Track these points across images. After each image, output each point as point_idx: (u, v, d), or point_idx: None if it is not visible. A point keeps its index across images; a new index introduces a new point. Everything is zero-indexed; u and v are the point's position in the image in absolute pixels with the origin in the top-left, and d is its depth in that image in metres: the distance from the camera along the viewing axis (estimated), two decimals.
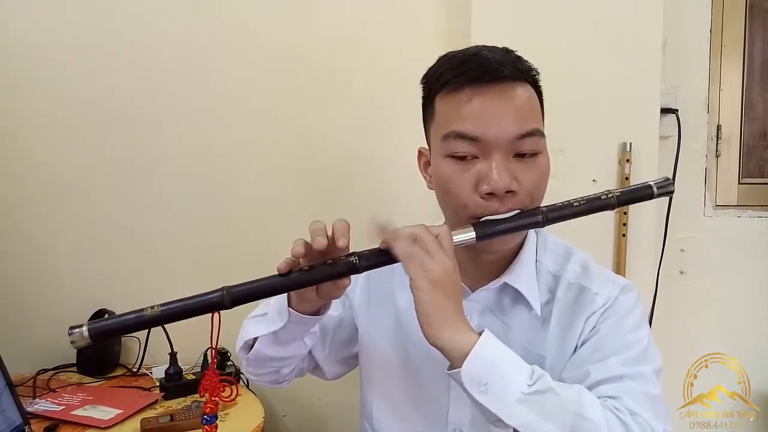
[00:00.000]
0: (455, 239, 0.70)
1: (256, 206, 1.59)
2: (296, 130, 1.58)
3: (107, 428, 1.20)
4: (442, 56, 0.80)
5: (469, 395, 0.66)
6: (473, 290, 0.83)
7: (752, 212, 1.73)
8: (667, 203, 1.60)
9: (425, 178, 0.85)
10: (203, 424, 0.70)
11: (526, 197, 0.74)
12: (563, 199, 0.75)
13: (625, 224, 1.47)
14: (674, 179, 1.59)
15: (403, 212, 1.57)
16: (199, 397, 1.36)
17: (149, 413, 1.27)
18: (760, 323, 1.73)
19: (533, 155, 0.75)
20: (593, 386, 0.71)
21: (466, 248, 0.76)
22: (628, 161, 1.45)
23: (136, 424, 1.21)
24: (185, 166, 1.57)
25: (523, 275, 0.81)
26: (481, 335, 0.67)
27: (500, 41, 0.80)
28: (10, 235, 1.57)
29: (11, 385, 1.14)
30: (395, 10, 1.56)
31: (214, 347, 0.67)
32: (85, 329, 0.64)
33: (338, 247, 0.68)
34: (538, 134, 0.75)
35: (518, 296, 0.82)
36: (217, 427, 0.71)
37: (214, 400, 0.69)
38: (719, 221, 1.72)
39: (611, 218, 1.48)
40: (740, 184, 1.73)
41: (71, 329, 0.64)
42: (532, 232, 0.85)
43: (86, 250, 1.58)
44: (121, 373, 1.53)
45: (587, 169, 1.46)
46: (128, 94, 1.54)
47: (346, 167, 1.58)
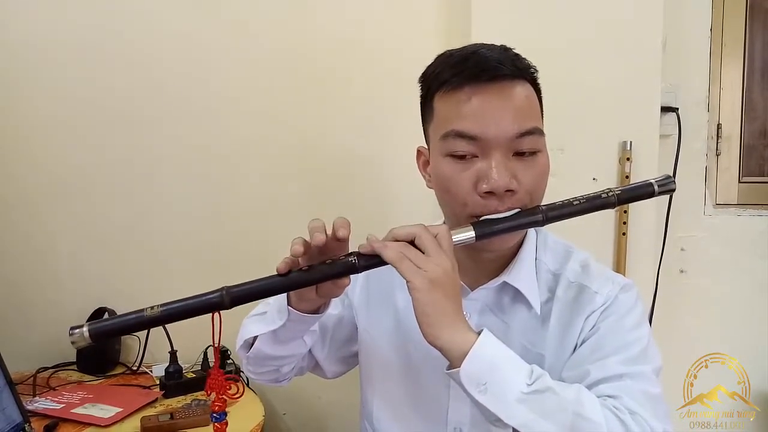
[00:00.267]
0: (454, 239, 0.70)
1: (256, 206, 1.59)
2: (296, 130, 1.58)
3: (107, 426, 1.20)
4: (440, 55, 0.80)
5: (468, 395, 0.66)
6: (473, 289, 0.83)
7: (752, 211, 1.73)
8: (667, 202, 1.60)
9: (424, 177, 0.85)
10: (213, 422, 0.71)
11: (525, 196, 0.74)
12: (563, 197, 0.75)
13: (625, 223, 1.47)
14: (674, 178, 1.58)
15: (403, 212, 1.57)
16: (200, 396, 1.37)
17: (149, 411, 1.27)
18: (760, 323, 1.73)
19: (532, 154, 0.74)
20: (593, 385, 0.71)
21: (465, 247, 0.75)
22: (628, 160, 1.44)
23: (136, 422, 1.21)
24: (185, 165, 1.57)
25: (522, 274, 0.81)
26: (480, 335, 0.67)
27: (500, 41, 0.80)
28: (10, 234, 1.57)
29: (11, 383, 1.14)
30: (395, 10, 1.56)
31: (215, 347, 0.67)
32: (85, 330, 0.64)
33: (338, 237, 0.68)
34: (537, 133, 0.74)
35: (518, 295, 0.81)
36: (227, 424, 0.72)
37: (221, 398, 0.70)
38: (719, 220, 1.72)
39: (611, 217, 1.48)
40: (740, 182, 1.73)
41: (72, 330, 0.64)
42: (531, 230, 0.85)
43: (86, 249, 1.58)
44: (121, 371, 1.53)
45: (587, 167, 1.45)
46: (128, 94, 1.54)
47: (346, 167, 1.58)
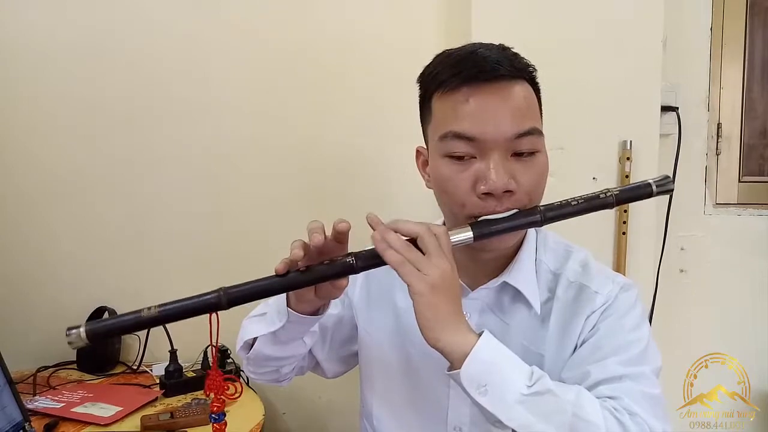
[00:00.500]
0: (453, 239, 0.70)
1: (256, 206, 1.59)
2: (296, 129, 1.58)
3: (107, 425, 1.20)
4: (438, 55, 0.79)
5: (468, 396, 0.66)
6: (473, 289, 0.83)
7: (753, 210, 1.73)
8: (667, 201, 1.60)
9: (423, 177, 0.85)
10: (212, 422, 0.71)
11: (524, 197, 0.73)
12: (563, 197, 0.75)
13: (625, 222, 1.47)
14: (674, 177, 1.59)
15: (402, 212, 1.56)
16: (200, 395, 1.37)
17: (149, 410, 1.28)
18: (760, 323, 1.73)
19: (531, 154, 0.74)
20: (593, 386, 0.71)
21: (465, 247, 0.75)
22: (628, 159, 1.44)
23: (136, 421, 1.22)
24: (185, 165, 1.57)
25: (522, 274, 0.81)
26: (480, 336, 0.67)
27: (500, 40, 0.80)
28: (10, 234, 1.57)
29: (11, 382, 1.14)
30: (395, 9, 1.56)
31: (214, 347, 0.67)
32: (82, 330, 0.64)
33: (338, 230, 0.68)
34: (536, 133, 0.74)
35: (518, 295, 0.81)
36: (226, 424, 0.72)
37: (220, 398, 0.70)
38: (719, 219, 1.72)
39: (611, 217, 1.48)
40: (740, 182, 1.73)
41: (69, 330, 0.64)
42: (532, 230, 0.84)
43: (86, 249, 1.58)
44: (121, 370, 1.53)
45: (587, 167, 1.45)
46: (128, 94, 1.54)
47: (345, 167, 1.58)
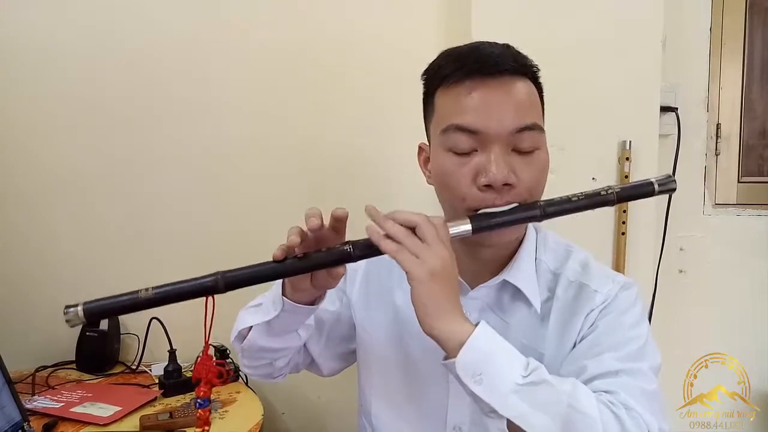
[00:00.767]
0: (451, 231, 0.70)
1: (256, 206, 1.59)
2: (296, 129, 1.58)
3: (106, 425, 1.20)
4: (442, 52, 0.80)
5: (463, 385, 0.66)
6: (473, 287, 0.83)
7: (752, 211, 1.73)
8: (666, 202, 1.60)
9: (425, 173, 0.85)
10: (197, 407, 0.70)
11: (524, 191, 0.74)
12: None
13: (624, 222, 1.47)
14: (674, 178, 1.59)
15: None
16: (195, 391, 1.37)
17: (148, 410, 1.27)
18: (760, 323, 1.73)
19: (532, 150, 0.74)
20: (589, 380, 0.71)
21: (464, 244, 0.75)
22: (627, 159, 1.44)
23: (135, 421, 1.21)
24: (185, 166, 1.57)
25: (522, 273, 0.81)
26: (477, 326, 0.67)
27: (501, 40, 0.80)
28: (10, 234, 1.57)
29: (10, 382, 1.14)
30: (395, 9, 1.56)
31: (207, 331, 0.67)
32: (80, 308, 0.65)
33: (335, 216, 0.69)
34: (537, 129, 0.75)
35: (518, 293, 0.82)
36: (210, 410, 0.71)
37: (207, 384, 0.70)
38: (719, 220, 1.72)
39: (611, 216, 1.48)
40: (740, 182, 1.73)
41: (67, 308, 0.65)
42: (531, 230, 0.85)
43: (86, 249, 1.58)
44: (120, 370, 1.53)
45: (587, 166, 1.45)
46: (128, 94, 1.54)
47: (346, 167, 1.58)
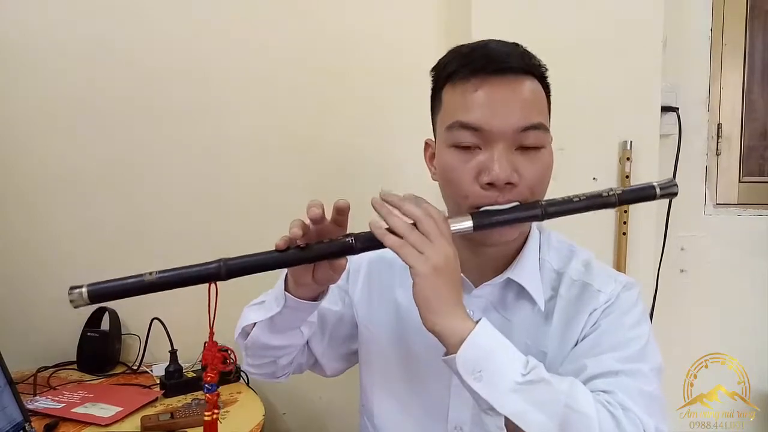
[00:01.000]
0: (453, 227, 0.70)
1: (256, 206, 1.59)
2: (296, 129, 1.58)
3: (107, 426, 1.20)
4: (451, 49, 0.80)
5: (462, 381, 0.66)
6: (477, 286, 0.83)
7: (753, 211, 1.73)
8: (667, 202, 1.60)
9: (430, 169, 0.85)
10: (204, 392, 0.72)
11: (526, 190, 0.74)
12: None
13: (625, 222, 1.47)
14: (675, 177, 1.59)
15: None
16: (200, 395, 1.37)
17: (149, 411, 1.27)
18: (760, 323, 1.73)
19: (536, 149, 0.75)
20: (588, 380, 0.72)
21: (468, 243, 0.76)
22: (628, 159, 1.44)
23: (136, 421, 1.21)
24: (186, 166, 1.57)
25: (526, 271, 0.81)
26: (478, 323, 0.67)
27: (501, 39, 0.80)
28: (10, 234, 1.57)
29: (12, 382, 1.14)
30: (395, 9, 1.56)
31: (211, 318, 0.68)
32: (84, 290, 0.66)
33: (337, 206, 0.69)
34: (542, 128, 0.75)
35: (521, 292, 0.82)
36: (218, 395, 0.73)
37: (214, 369, 0.71)
38: (720, 220, 1.72)
39: (612, 217, 1.48)
40: (741, 182, 1.73)
41: (71, 289, 0.66)
42: (535, 229, 0.85)
43: (86, 249, 1.58)
44: (121, 370, 1.53)
45: (588, 167, 1.45)
46: (128, 94, 1.54)
47: (346, 167, 1.58)
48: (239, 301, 0.84)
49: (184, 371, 1.42)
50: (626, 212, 1.47)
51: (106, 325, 1.54)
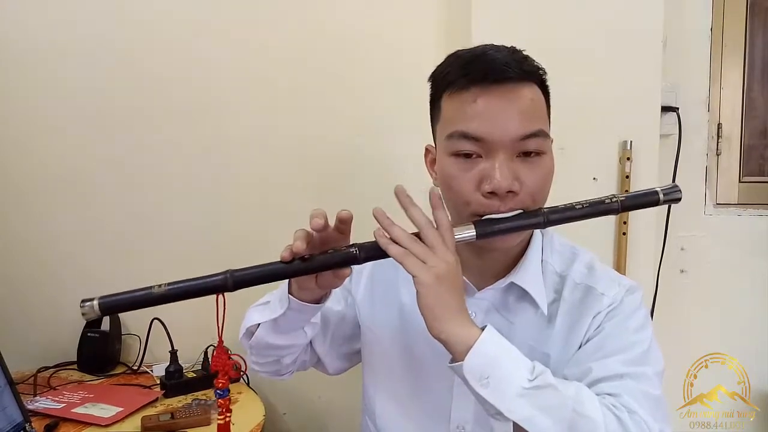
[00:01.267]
0: (456, 236, 0.71)
1: (257, 207, 1.59)
2: (296, 129, 1.57)
3: (108, 426, 1.20)
4: (449, 55, 0.81)
5: (470, 388, 0.67)
6: (479, 289, 0.83)
7: (753, 211, 1.73)
8: None
9: (431, 175, 0.86)
10: (216, 397, 0.74)
11: (527, 198, 0.74)
12: (563, 197, 0.76)
13: (625, 222, 1.47)
14: (675, 178, 1.59)
15: (403, 211, 1.56)
16: (201, 395, 1.37)
17: (150, 411, 1.28)
18: (760, 323, 1.73)
19: (537, 155, 0.75)
20: (593, 383, 0.72)
21: (470, 247, 0.76)
22: (628, 159, 1.44)
23: (136, 421, 1.22)
24: (186, 166, 1.57)
25: (529, 274, 0.82)
26: (483, 330, 0.68)
27: (501, 40, 0.80)
28: (10, 234, 1.57)
29: (12, 383, 1.14)
30: (395, 9, 1.55)
31: (220, 328, 0.70)
32: (95, 303, 0.67)
33: (340, 217, 0.70)
34: (542, 135, 0.75)
35: (524, 295, 0.82)
36: (230, 400, 0.74)
37: (225, 375, 0.73)
38: (720, 220, 1.72)
39: (612, 217, 1.48)
40: (741, 182, 1.73)
41: (83, 302, 0.67)
42: (537, 232, 0.86)
43: (86, 249, 1.58)
44: (121, 371, 1.53)
45: (588, 167, 1.45)
46: (128, 94, 1.54)
47: (346, 167, 1.58)
48: (242, 301, 0.84)
49: (184, 371, 1.42)
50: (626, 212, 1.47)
51: (106, 325, 1.54)
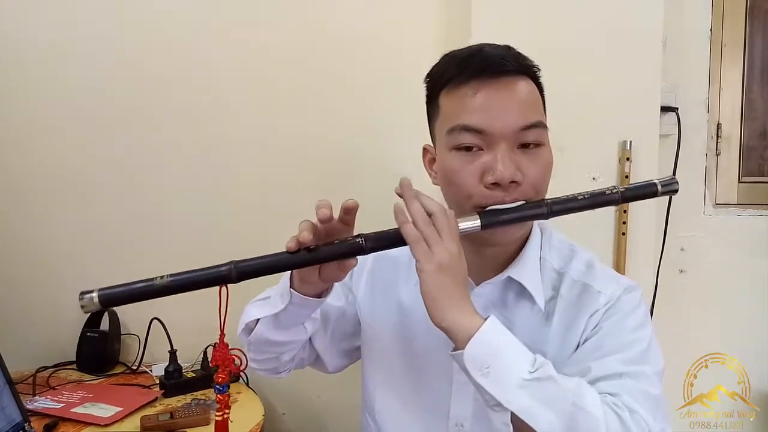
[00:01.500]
0: (461, 227, 0.72)
1: (257, 208, 1.59)
2: (296, 129, 1.57)
3: (107, 426, 1.20)
4: (444, 55, 0.82)
5: (470, 377, 0.67)
6: (477, 284, 0.84)
7: (752, 211, 1.73)
8: (667, 202, 1.60)
9: (430, 174, 0.86)
10: (216, 393, 0.73)
11: (529, 188, 0.75)
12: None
13: (625, 223, 1.47)
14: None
15: None
16: (200, 395, 1.37)
17: (149, 411, 1.27)
18: (760, 323, 1.73)
19: (536, 146, 0.76)
20: (593, 383, 0.72)
21: (470, 243, 0.76)
22: (628, 160, 1.44)
23: (136, 421, 1.21)
24: (186, 166, 1.57)
25: (527, 270, 0.82)
26: (486, 320, 0.68)
27: (501, 40, 0.82)
28: (10, 234, 1.57)
29: (11, 382, 1.14)
30: (395, 9, 1.56)
31: (222, 320, 0.69)
32: (95, 295, 0.65)
33: (345, 206, 0.70)
34: (541, 126, 0.77)
35: (522, 291, 0.82)
36: (229, 396, 0.73)
37: (225, 370, 0.72)
38: (719, 220, 1.72)
39: (611, 217, 1.48)
40: (740, 182, 1.73)
41: (82, 294, 0.65)
42: (536, 229, 0.86)
43: (86, 249, 1.58)
44: (120, 370, 1.53)
45: (587, 167, 1.45)
46: (128, 94, 1.54)
47: (346, 167, 1.58)
48: (241, 297, 0.84)
49: (183, 371, 1.42)
50: (626, 212, 1.47)
51: (105, 325, 1.54)
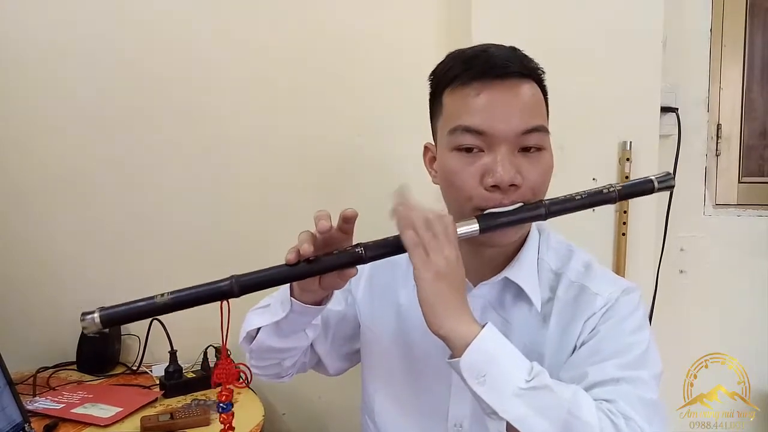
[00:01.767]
0: (459, 231, 0.71)
1: (257, 208, 1.59)
2: (296, 129, 1.57)
3: (107, 426, 1.20)
4: (450, 53, 0.81)
5: (466, 385, 0.67)
6: (475, 285, 0.84)
7: (752, 211, 1.73)
8: (666, 202, 1.60)
9: (430, 173, 0.86)
10: (219, 412, 0.72)
11: (528, 191, 0.75)
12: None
13: (624, 223, 1.47)
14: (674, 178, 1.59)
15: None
16: (200, 396, 1.37)
17: (149, 411, 1.27)
18: (760, 323, 1.73)
19: (537, 150, 0.76)
20: (589, 388, 0.71)
21: (468, 244, 0.76)
22: (628, 160, 1.44)
23: (136, 422, 1.21)
24: (186, 166, 1.57)
25: (524, 271, 0.82)
26: (483, 327, 0.68)
27: (501, 40, 0.81)
28: (10, 234, 1.57)
29: (11, 383, 1.14)
30: (395, 9, 1.56)
31: (224, 336, 0.68)
32: (96, 315, 0.65)
33: (344, 215, 0.70)
34: (543, 130, 0.76)
35: (520, 293, 0.82)
36: (233, 415, 0.72)
37: (228, 388, 0.71)
38: (719, 220, 1.72)
39: (611, 217, 1.48)
40: (740, 183, 1.73)
41: (83, 315, 0.65)
42: (534, 230, 0.86)
43: (86, 249, 1.58)
44: (121, 371, 1.53)
45: (587, 167, 1.45)
46: (128, 94, 1.54)
47: (346, 167, 1.58)
48: (241, 303, 0.84)
49: (183, 372, 1.42)
50: (626, 212, 1.47)
51: None
